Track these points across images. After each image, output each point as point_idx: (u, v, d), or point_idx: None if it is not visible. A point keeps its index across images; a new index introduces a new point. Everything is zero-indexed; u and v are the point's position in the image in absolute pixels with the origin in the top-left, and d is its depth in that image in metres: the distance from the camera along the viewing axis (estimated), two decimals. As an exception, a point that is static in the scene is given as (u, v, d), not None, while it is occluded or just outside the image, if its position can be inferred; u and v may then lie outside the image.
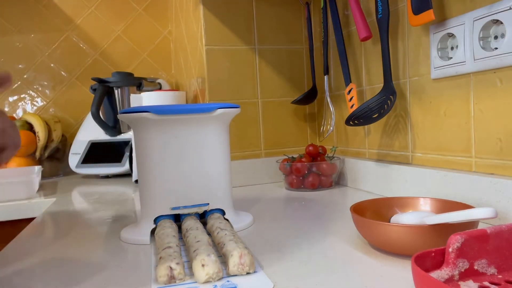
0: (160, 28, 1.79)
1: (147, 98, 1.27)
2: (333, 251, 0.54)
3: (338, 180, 1.04)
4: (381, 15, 0.77)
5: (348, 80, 0.91)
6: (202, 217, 0.68)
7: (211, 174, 0.67)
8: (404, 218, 0.55)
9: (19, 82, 1.67)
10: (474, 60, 0.63)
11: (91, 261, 0.56)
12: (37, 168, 1.23)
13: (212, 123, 0.66)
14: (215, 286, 0.44)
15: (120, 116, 0.64)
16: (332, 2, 0.95)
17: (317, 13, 1.12)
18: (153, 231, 0.64)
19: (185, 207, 0.66)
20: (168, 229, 0.59)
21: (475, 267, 0.39)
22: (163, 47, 1.80)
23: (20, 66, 1.66)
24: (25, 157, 1.43)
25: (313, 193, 0.95)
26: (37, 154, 1.46)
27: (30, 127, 1.47)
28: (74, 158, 1.49)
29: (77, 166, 1.47)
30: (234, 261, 0.47)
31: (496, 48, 0.60)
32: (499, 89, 0.61)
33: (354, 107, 0.88)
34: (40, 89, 1.68)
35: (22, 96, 1.67)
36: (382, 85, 0.79)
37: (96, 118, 1.41)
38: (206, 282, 0.45)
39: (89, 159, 1.46)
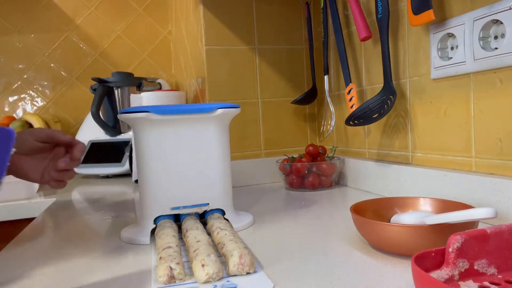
0: (160, 28, 1.79)
1: (147, 98, 1.27)
2: (333, 251, 0.54)
3: (338, 180, 1.04)
4: (381, 15, 0.77)
5: (348, 80, 0.91)
6: (202, 217, 0.68)
7: (211, 174, 0.67)
8: (404, 218, 0.55)
9: (19, 82, 1.67)
10: (474, 60, 0.63)
11: (91, 261, 0.56)
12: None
13: (212, 123, 0.66)
14: (215, 286, 0.44)
15: (120, 116, 0.64)
16: (332, 2, 0.95)
17: (317, 13, 1.12)
18: (153, 231, 0.64)
19: (185, 207, 0.66)
20: (168, 229, 0.59)
21: (475, 267, 0.39)
22: (163, 47, 1.80)
23: (20, 66, 1.66)
24: (25, 157, 1.43)
25: (313, 193, 0.95)
26: (37, 154, 1.46)
27: (30, 127, 1.47)
28: (74, 158, 1.49)
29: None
30: (234, 261, 0.47)
31: (496, 48, 0.60)
32: (499, 89, 0.61)
33: (354, 107, 0.88)
34: (40, 89, 1.68)
35: (22, 96, 1.67)
36: (382, 85, 0.79)
37: (96, 118, 1.41)
38: (206, 282, 0.45)
39: (89, 159, 1.46)
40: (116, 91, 1.48)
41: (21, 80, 1.66)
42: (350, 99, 0.90)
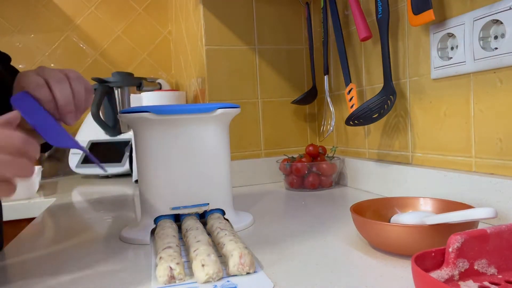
0: (160, 28, 1.79)
1: (147, 98, 1.27)
2: (333, 251, 0.54)
3: (338, 180, 1.04)
4: (381, 15, 0.77)
5: (348, 80, 0.91)
6: (202, 217, 0.68)
7: (211, 174, 0.67)
8: (404, 218, 0.55)
9: (19, 82, 1.66)
10: (474, 60, 0.63)
11: (91, 261, 0.56)
12: (37, 168, 1.23)
13: (212, 123, 0.66)
14: (215, 286, 0.44)
15: (120, 116, 0.64)
16: (332, 2, 0.95)
17: (317, 13, 1.12)
18: (153, 231, 0.64)
19: (185, 207, 0.66)
20: (168, 229, 0.59)
21: (475, 267, 0.39)
22: (163, 47, 1.80)
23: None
24: (25, 157, 1.43)
25: (313, 193, 0.95)
26: (37, 154, 1.46)
27: (30, 127, 1.47)
28: (74, 158, 1.49)
29: (77, 166, 1.47)
30: (234, 261, 0.47)
31: (496, 48, 0.60)
32: (499, 89, 0.61)
33: (354, 107, 0.88)
34: (40, 89, 1.68)
35: (22, 96, 1.67)
36: (382, 85, 0.79)
37: (96, 118, 1.41)
38: (206, 282, 0.45)
39: (89, 159, 1.46)
40: (116, 91, 1.47)
41: (21, 80, 1.66)
42: (350, 99, 0.90)
